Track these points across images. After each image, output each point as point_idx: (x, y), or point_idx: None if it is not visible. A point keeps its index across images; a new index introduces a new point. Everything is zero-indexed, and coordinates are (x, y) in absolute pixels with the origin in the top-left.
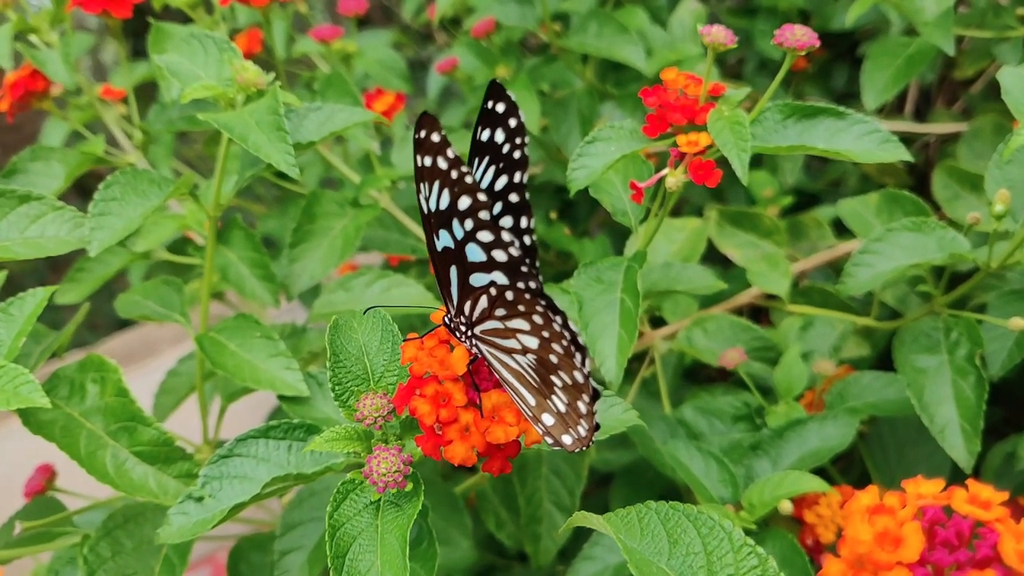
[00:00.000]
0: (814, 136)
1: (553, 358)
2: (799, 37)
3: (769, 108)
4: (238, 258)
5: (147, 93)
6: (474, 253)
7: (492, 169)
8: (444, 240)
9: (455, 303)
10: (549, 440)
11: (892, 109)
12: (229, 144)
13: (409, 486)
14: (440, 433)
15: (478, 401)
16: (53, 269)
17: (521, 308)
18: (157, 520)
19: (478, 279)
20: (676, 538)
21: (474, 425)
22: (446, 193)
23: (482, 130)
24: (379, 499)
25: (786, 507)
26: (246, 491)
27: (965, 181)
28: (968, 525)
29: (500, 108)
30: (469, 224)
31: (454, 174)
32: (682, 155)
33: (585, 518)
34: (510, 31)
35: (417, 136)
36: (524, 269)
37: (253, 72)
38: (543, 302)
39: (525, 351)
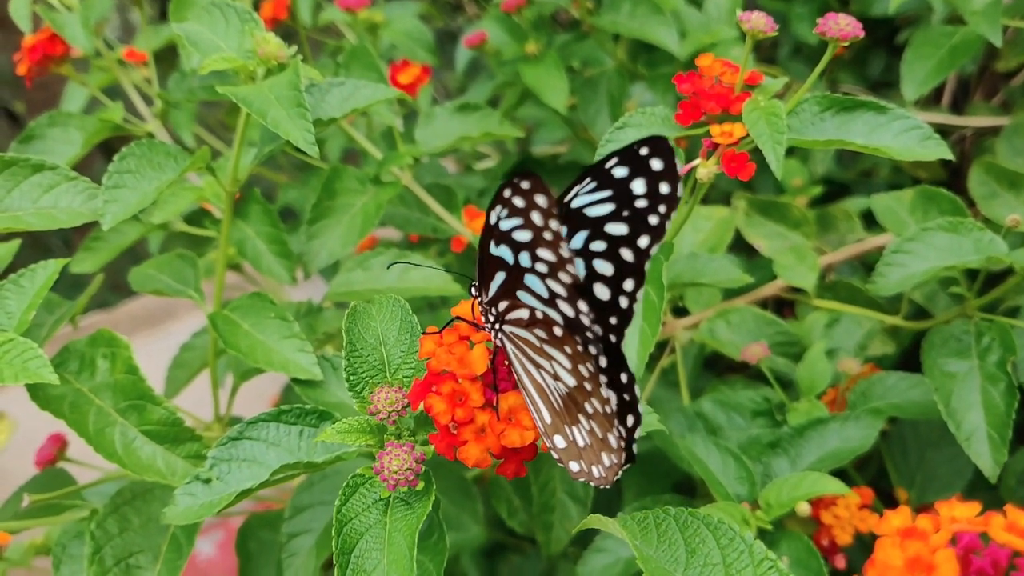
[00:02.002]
0: (852, 131)
1: (588, 407)
2: (843, 27)
3: (807, 99)
4: (255, 233)
5: (173, 56)
6: (535, 284)
7: (609, 207)
8: (502, 252)
9: (490, 295)
10: (555, 456)
11: (928, 100)
12: (248, 117)
13: (420, 485)
14: (455, 433)
15: (495, 402)
16: (78, 229)
17: (567, 350)
18: (165, 498)
19: (527, 298)
20: (694, 547)
21: (490, 427)
22: (526, 233)
23: (617, 164)
24: (389, 496)
25: (804, 509)
26: (255, 476)
27: (1003, 179)
28: (1005, 555)
29: (655, 164)
30: (542, 268)
31: (547, 236)
32: (715, 145)
33: (600, 521)
34: (541, 6)
35: (517, 183)
36: (588, 335)
37: (274, 44)
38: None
39: (555, 377)
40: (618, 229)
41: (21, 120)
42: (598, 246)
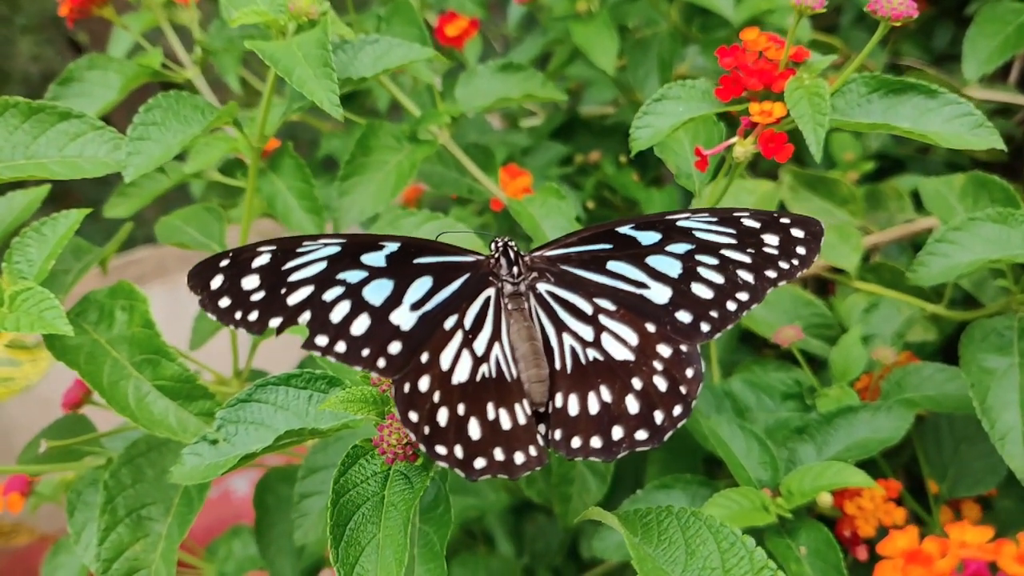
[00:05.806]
0: (900, 114)
1: (636, 382)
2: (896, 6)
3: (854, 79)
4: (286, 187)
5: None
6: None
7: (729, 239)
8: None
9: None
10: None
11: (995, 76)
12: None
13: (419, 460)
14: None
15: None
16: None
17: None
18: (179, 452)
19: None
20: (694, 549)
21: None
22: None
23: (749, 218)
24: (388, 469)
25: (825, 500)
26: (261, 439)
27: None
28: None
29: (796, 232)
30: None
31: None
32: (753, 124)
33: (601, 514)
34: None
35: None
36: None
37: (306, 0)
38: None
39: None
40: (738, 256)
41: (84, 50)
42: (708, 259)
